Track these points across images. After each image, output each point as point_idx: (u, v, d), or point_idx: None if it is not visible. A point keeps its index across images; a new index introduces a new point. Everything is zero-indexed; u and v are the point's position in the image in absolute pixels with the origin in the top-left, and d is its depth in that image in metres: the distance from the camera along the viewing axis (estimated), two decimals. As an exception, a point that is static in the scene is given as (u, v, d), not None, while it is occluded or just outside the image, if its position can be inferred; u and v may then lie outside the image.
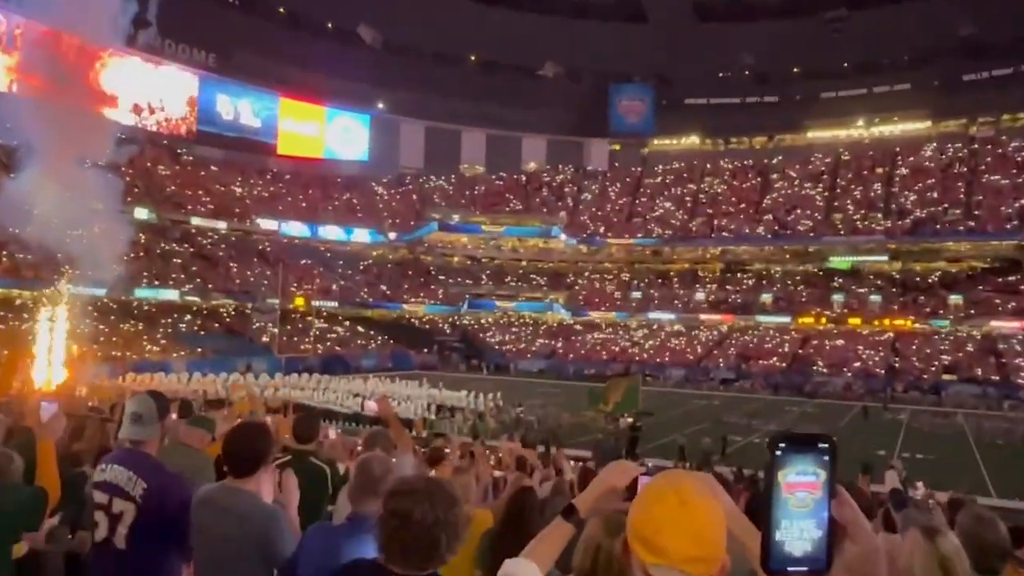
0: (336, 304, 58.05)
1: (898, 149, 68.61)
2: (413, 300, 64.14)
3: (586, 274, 69.85)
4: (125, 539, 2.91)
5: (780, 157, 74.24)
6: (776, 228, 63.62)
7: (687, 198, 71.69)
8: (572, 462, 15.71)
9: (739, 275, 64.51)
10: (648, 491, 1.24)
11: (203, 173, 64.21)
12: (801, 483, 1.04)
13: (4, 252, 40.72)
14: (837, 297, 58.04)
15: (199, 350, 43.17)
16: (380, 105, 76.22)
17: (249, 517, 2.69)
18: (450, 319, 65.90)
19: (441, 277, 69.42)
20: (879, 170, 66.79)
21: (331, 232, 65.48)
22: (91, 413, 6.25)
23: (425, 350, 58.12)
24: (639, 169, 78.93)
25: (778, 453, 1.05)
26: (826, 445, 1.04)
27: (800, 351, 52.84)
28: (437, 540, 1.71)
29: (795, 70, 76.63)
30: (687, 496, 1.18)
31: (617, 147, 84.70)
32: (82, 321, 36.61)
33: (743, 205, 68.19)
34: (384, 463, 2.60)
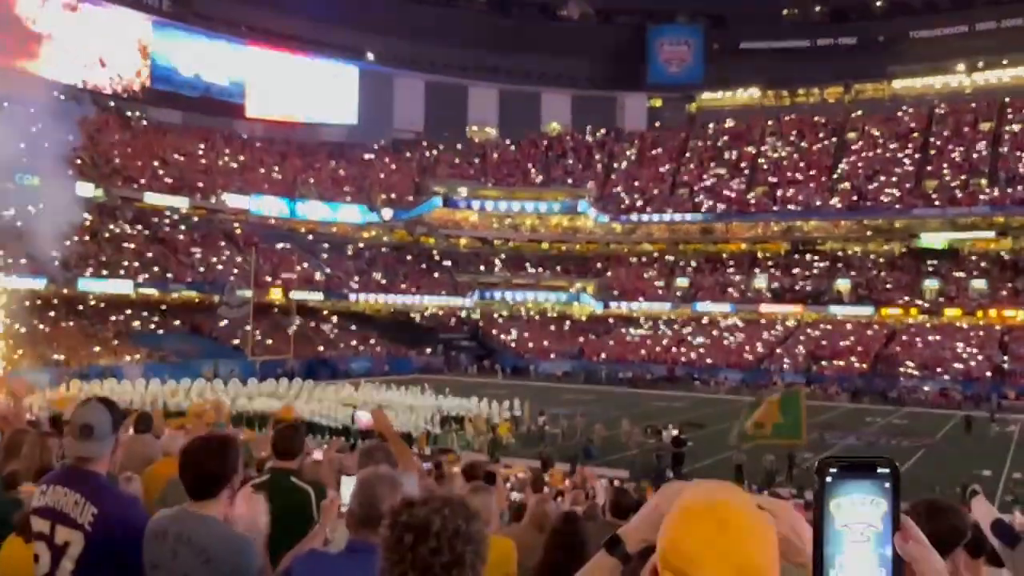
0: (321, 296, 58.35)
1: (1007, 100, 67.60)
2: (413, 291, 64.33)
3: (620, 257, 69.65)
4: (71, 575, 2.92)
5: (859, 112, 73.44)
6: (854, 199, 63.04)
7: (744, 164, 71.18)
8: (604, 482, 15.74)
9: (808, 257, 64.06)
10: (681, 510, 1.21)
11: (159, 140, 64.58)
12: (858, 514, 1.05)
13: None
14: (930, 283, 57.46)
15: (157, 352, 43.53)
16: (370, 56, 76.24)
17: (213, 549, 2.67)
18: (457, 313, 66.04)
19: (446, 263, 69.52)
20: (983, 126, 65.88)
21: (313, 210, 65.73)
22: (28, 427, 6.30)
23: (428, 350, 58.33)
24: (685, 129, 78.43)
25: (829, 480, 1.06)
26: (887, 470, 1.05)
27: (884, 349, 52.44)
28: (462, 556, 1.67)
29: (877, 3, 75.63)
30: (728, 515, 1.15)
31: (657, 103, 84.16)
32: (16, 318, 37.22)
33: (813, 172, 67.61)
34: (391, 485, 2.55)
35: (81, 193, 51.73)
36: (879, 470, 1.05)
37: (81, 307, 46.34)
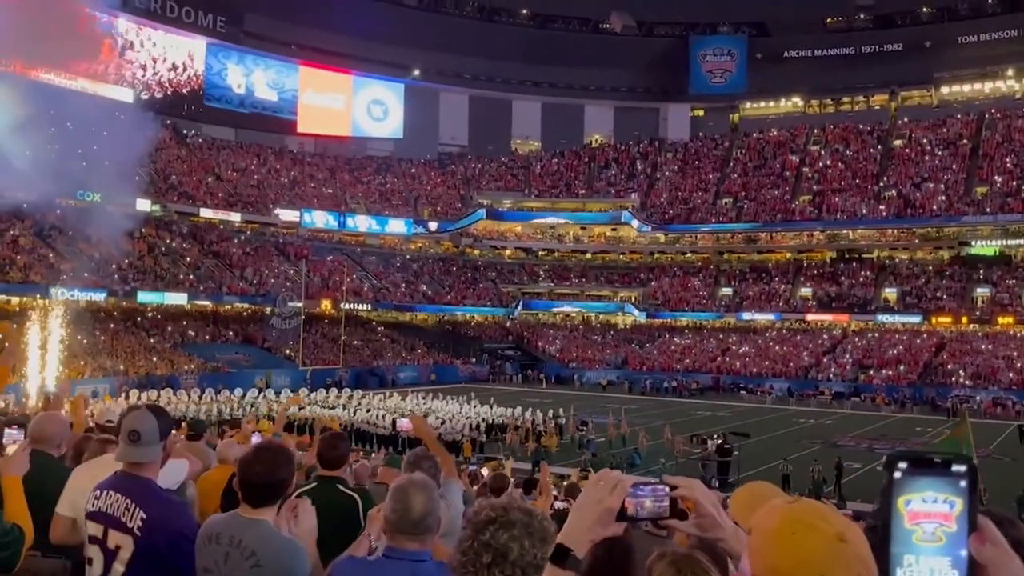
0: (368, 307, 58.92)
1: (1056, 105, 65.74)
2: (458, 301, 64.62)
3: (664, 267, 69.15)
4: (122, 578, 2.96)
5: (906, 119, 72.02)
6: (901, 207, 61.77)
7: (788, 173, 70.25)
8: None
9: (855, 265, 62.90)
10: (786, 522, 1.14)
11: (213, 157, 65.99)
12: (929, 513, 0.99)
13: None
14: (981, 291, 56.01)
15: (211, 363, 44.31)
16: (416, 72, 77.03)
17: (263, 553, 2.69)
18: (502, 323, 66.13)
19: (491, 274, 69.72)
20: (1033, 132, 64.19)
21: (362, 223, 66.48)
22: (89, 433, 6.44)
23: (473, 360, 58.52)
24: (728, 139, 77.71)
25: (898, 475, 1.00)
26: (963, 468, 0.99)
27: (934, 359, 51.20)
28: None
29: (924, 9, 74.10)
30: (841, 528, 1.09)
31: (700, 113, 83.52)
32: (78, 329, 38.23)
33: (859, 180, 66.45)
34: (427, 494, 2.51)
35: (140, 209, 53.13)
36: (954, 468, 0.98)
37: (139, 319, 47.40)
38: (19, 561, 3.11)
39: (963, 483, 0.98)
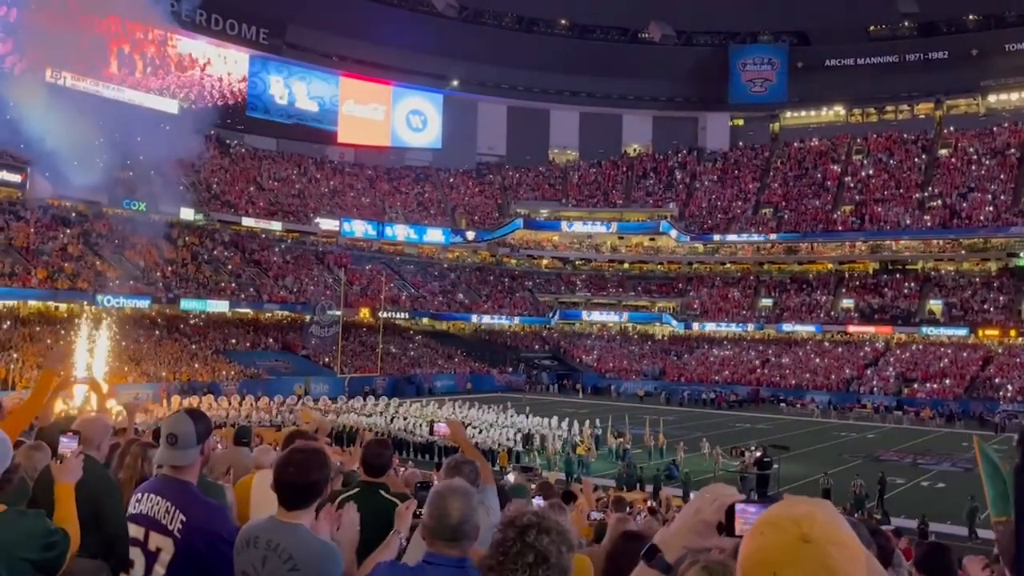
0: (406, 315, 59.27)
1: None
2: (495, 310, 64.73)
3: (703, 277, 68.58)
4: (163, 580, 2.98)
5: (951, 128, 70.68)
6: (947, 217, 60.58)
7: (830, 182, 69.32)
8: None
9: (898, 276, 61.78)
10: (763, 521, 1.16)
11: (255, 166, 67.02)
12: None
13: (38, 260, 43.69)
14: (1029, 303, 54.69)
15: (251, 370, 44.86)
16: (454, 82, 77.57)
17: (300, 557, 2.70)
18: (539, 332, 66.07)
19: (528, 283, 69.73)
20: (1084, 140, 62.65)
21: (400, 232, 66.99)
22: (135, 437, 6.55)
23: (510, 369, 58.51)
24: (768, 148, 76.95)
25: None
26: None
27: (980, 372, 50.02)
28: None
29: (970, 16, 72.74)
30: (812, 529, 1.10)
31: (740, 122, 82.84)
32: (123, 336, 38.98)
33: (903, 189, 65.33)
34: (466, 500, 2.51)
35: (184, 217, 54.14)
36: None
37: (182, 325, 48.18)
38: (64, 564, 3.17)
39: None
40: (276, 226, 60.64)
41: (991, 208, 59.95)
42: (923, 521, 18.51)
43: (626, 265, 71.38)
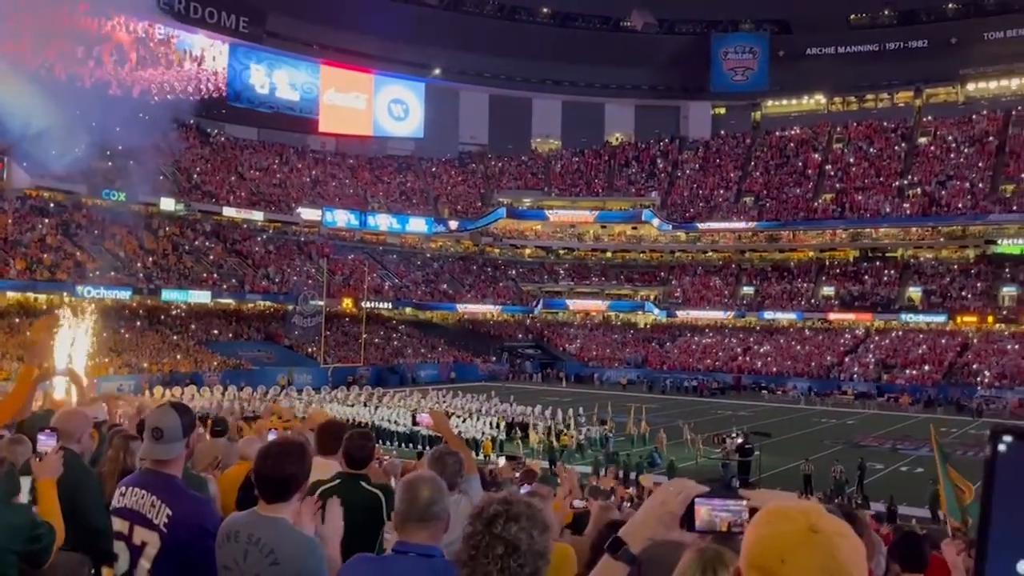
0: (389, 305, 59.14)
1: (1085, 101, 64.74)
2: (478, 300, 64.72)
3: (685, 266, 68.85)
4: (148, 574, 2.99)
5: (930, 116, 71.18)
6: (926, 205, 61.09)
7: (810, 171, 69.68)
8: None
9: (878, 264, 62.29)
10: (770, 511, 1.20)
11: (236, 156, 66.48)
12: None
13: (16, 251, 43.21)
14: (1008, 290, 55.28)
15: (233, 360, 44.66)
16: (436, 71, 77.19)
17: (281, 550, 2.72)
18: (522, 321, 66.15)
19: (511, 272, 69.73)
20: (1061, 129, 63.28)
21: (383, 222, 66.73)
22: (118, 428, 6.53)
23: (493, 358, 58.57)
24: (750, 137, 77.21)
25: (1002, 448, 0.95)
26: None
27: (958, 358, 50.60)
28: (539, 571, 1.93)
29: (950, 5, 73.20)
30: (820, 520, 1.15)
31: (722, 111, 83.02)
32: (104, 327, 38.64)
33: (883, 177, 65.79)
34: (434, 485, 2.58)
35: (164, 208, 53.66)
36: None
37: (163, 316, 47.86)
38: (50, 557, 3.18)
39: None
40: (258, 216, 60.24)
41: (969, 196, 60.50)
42: (891, 503, 18.76)
43: (609, 254, 71.51)
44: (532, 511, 1.94)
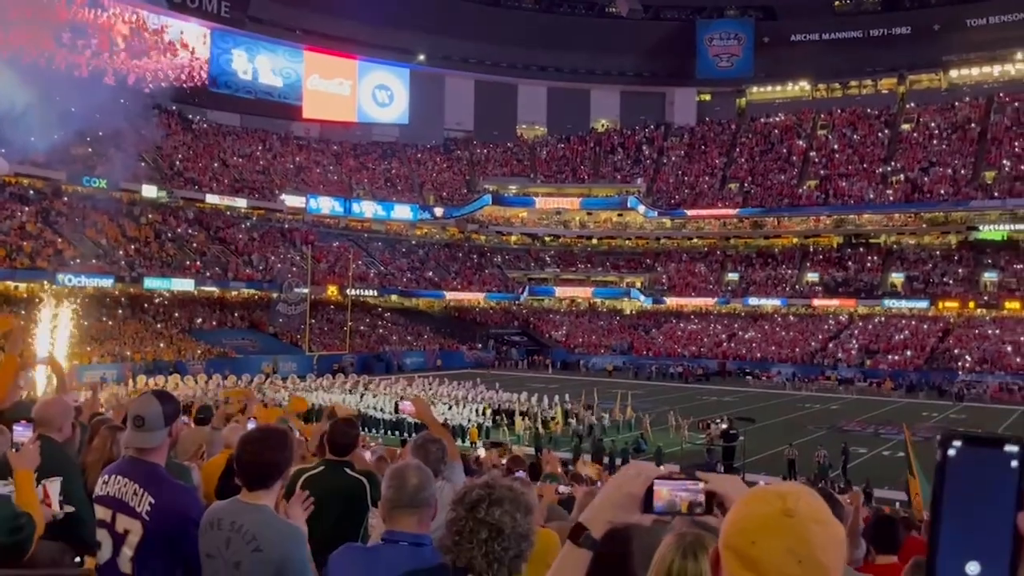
0: (375, 293, 59.02)
1: (1067, 88, 65.21)
2: (464, 287, 64.69)
3: (670, 253, 69.05)
4: (131, 562, 2.99)
5: (913, 104, 71.54)
6: (909, 191, 61.48)
7: (795, 157, 69.94)
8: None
9: (862, 250, 62.71)
10: (750, 493, 1.23)
11: (218, 142, 65.96)
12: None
13: None
14: (989, 276, 55.81)
15: (217, 348, 44.49)
16: (421, 57, 76.73)
17: (263, 538, 2.72)
18: (508, 308, 66.21)
19: (496, 259, 69.72)
20: (1043, 115, 63.73)
21: (367, 208, 66.48)
22: (104, 417, 6.50)
23: (479, 345, 58.65)
24: (735, 123, 77.36)
25: (952, 453, 1.00)
26: (1016, 448, 0.99)
27: (940, 344, 51.10)
28: (524, 553, 1.95)
29: (933, -8, 73.52)
30: (795, 505, 1.15)
31: (707, 97, 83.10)
32: (86, 315, 38.38)
33: (867, 164, 66.12)
34: (421, 472, 2.61)
35: (146, 195, 53.22)
36: (1007, 448, 0.99)
37: (146, 305, 47.55)
38: (31, 547, 3.17)
39: (1015, 464, 0.99)
40: (241, 203, 59.85)
41: (951, 182, 60.91)
42: (867, 486, 19.00)
43: (594, 241, 71.60)
44: (514, 494, 1.95)
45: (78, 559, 3.83)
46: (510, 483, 2.03)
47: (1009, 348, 48.28)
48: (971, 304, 53.79)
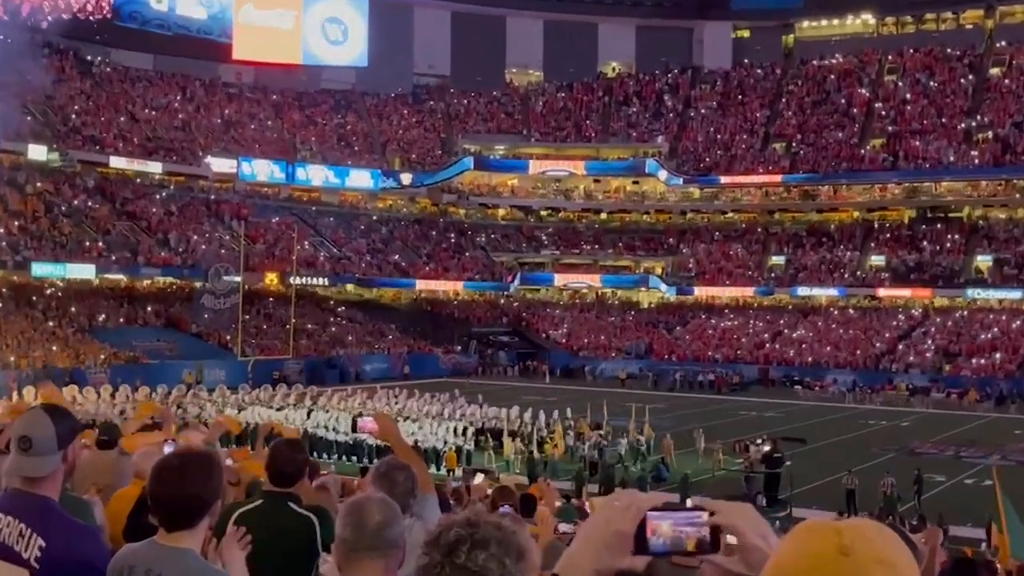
0: (325, 282, 58.91)
1: None
2: (439, 274, 64.67)
3: (699, 230, 69.18)
4: (16, 622, 2.97)
5: (1005, 42, 71.72)
6: (999, 152, 61.75)
7: (856, 110, 70.10)
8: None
9: (940, 227, 62.98)
10: (804, 526, 1.22)
11: (126, 91, 65.57)
12: None
13: None
14: (1098, 259, 56.24)
15: (126, 352, 44.33)
16: (383, -19, 76.54)
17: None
18: (495, 301, 66.20)
19: (480, 239, 69.68)
20: None
21: (316, 175, 66.26)
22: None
23: (457, 348, 58.62)
24: (780, 67, 77.43)
25: None
26: None
27: (1037, 343, 51.46)
28: None
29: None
30: (853, 542, 1.14)
31: (745, 34, 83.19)
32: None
33: (945, 118, 66.32)
34: (386, 506, 2.59)
35: (34, 157, 52.87)
36: None
37: (34, 297, 47.31)
38: None
39: None
40: (155, 168, 59.58)
41: (1053, 141, 61.24)
42: (941, 521, 19.12)
43: (604, 216, 71.62)
44: (503, 534, 1.87)
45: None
46: (498, 520, 2.01)
47: (1123, 349, 48.67)
48: (1077, 294, 54.20)
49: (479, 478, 17.85)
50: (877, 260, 62.01)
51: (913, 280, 58.88)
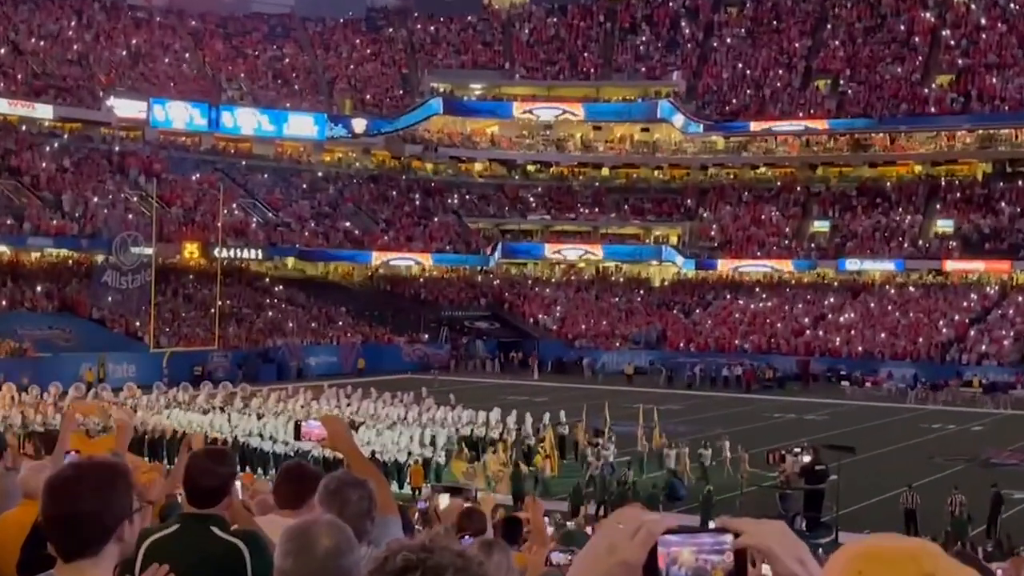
0: (259, 254, 58.76)
1: None
2: (401, 245, 64.57)
3: (723, 189, 69.24)
4: None
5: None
6: (1093, 92, 62.01)
7: (918, 38, 70.10)
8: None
9: (1021, 184, 63.17)
10: (860, 555, 1.23)
11: (6, 15, 65.00)
12: None
13: None
14: None
15: (11, 342, 44.16)
16: None
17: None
18: (471, 279, 66.16)
19: (452, 201, 69.53)
20: None
21: (246, 121, 65.99)
22: None
23: (425, 336, 58.61)
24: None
25: None
26: None
27: None
28: None
29: None
30: (937, 570, 1.17)
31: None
32: None
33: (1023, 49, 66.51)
34: (336, 531, 2.58)
35: None
36: None
37: None
38: None
39: None
40: (44, 112, 59.27)
41: None
42: (1010, 544, 19.31)
43: (605, 171, 71.61)
44: (465, 563, 1.87)
45: None
46: (460, 549, 2.00)
47: None
48: None
49: (444, 499, 17.79)
50: (944, 226, 62.22)
51: (988, 251, 59.01)
